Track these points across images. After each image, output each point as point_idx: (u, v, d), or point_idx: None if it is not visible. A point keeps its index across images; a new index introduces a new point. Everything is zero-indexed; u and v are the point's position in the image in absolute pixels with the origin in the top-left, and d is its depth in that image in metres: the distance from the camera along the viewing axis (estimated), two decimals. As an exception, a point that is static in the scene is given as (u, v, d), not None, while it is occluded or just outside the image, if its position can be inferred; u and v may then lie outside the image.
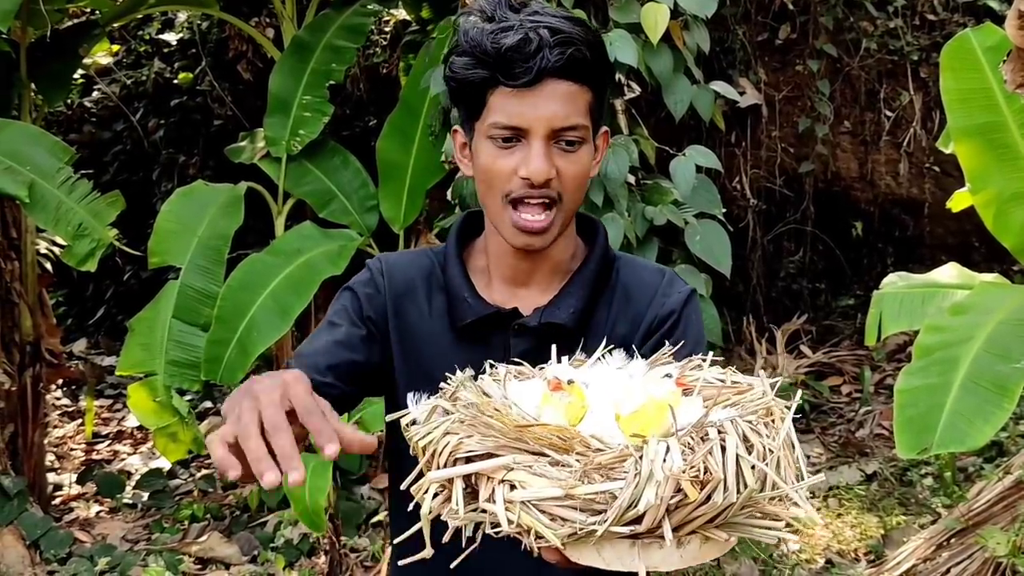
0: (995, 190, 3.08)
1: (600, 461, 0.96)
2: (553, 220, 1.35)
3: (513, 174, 1.33)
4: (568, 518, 0.95)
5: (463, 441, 1.01)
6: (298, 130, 4.43)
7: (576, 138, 1.32)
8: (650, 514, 0.94)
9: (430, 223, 4.31)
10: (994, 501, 3.35)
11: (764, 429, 1.01)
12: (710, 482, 0.94)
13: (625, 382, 1.13)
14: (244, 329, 3.91)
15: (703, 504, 0.95)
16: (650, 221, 3.47)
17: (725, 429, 0.98)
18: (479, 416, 1.04)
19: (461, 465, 1.00)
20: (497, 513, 0.97)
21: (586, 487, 0.95)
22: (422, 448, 1.05)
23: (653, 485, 0.93)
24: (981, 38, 3.01)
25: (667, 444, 0.96)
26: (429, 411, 1.10)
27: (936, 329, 2.75)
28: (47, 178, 3.94)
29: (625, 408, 1.06)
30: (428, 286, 1.47)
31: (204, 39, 6.75)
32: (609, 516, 0.94)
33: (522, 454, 0.99)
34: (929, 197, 5.74)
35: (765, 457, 0.98)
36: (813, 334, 5.98)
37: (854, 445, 4.97)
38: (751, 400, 1.08)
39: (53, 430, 6.14)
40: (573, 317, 1.40)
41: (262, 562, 4.33)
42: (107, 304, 8.11)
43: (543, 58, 1.27)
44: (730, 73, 5.38)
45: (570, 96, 1.31)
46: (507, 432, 1.00)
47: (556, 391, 1.10)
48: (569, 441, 0.99)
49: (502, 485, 0.98)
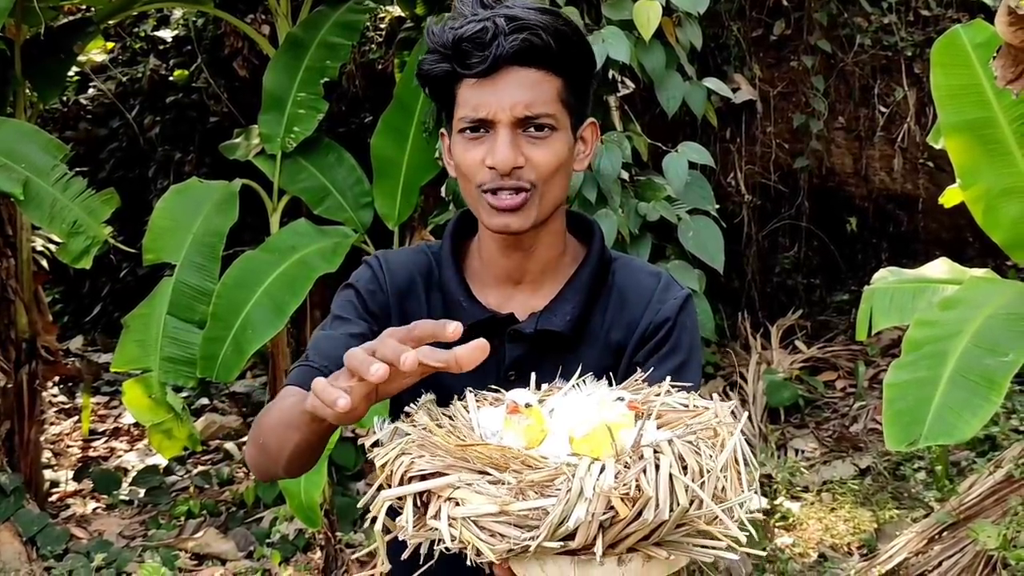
0: (985, 185, 3.09)
1: (534, 479, 0.99)
2: (527, 202, 1.33)
3: (482, 165, 1.33)
4: (505, 534, 0.98)
5: (415, 461, 1.04)
6: (293, 127, 4.43)
7: (544, 124, 1.32)
8: (582, 530, 0.97)
9: (425, 220, 4.32)
10: (986, 495, 3.38)
11: (707, 449, 1.03)
12: (640, 499, 0.96)
13: (581, 406, 1.15)
14: (239, 326, 3.91)
15: (634, 521, 0.97)
16: (643, 217, 3.48)
17: (661, 449, 1.00)
18: (429, 437, 1.07)
19: (412, 484, 1.03)
20: (441, 529, 0.99)
21: (520, 504, 0.98)
22: (380, 467, 1.08)
23: (584, 502, 0.96)
24: (971, 34, 3.02)
25: (602, 464, 0.99)
26: (391, 433, 1.13)
27: (926, 324, 2.77)
28: (42, 176, 3.94)
29: (579, 431, 1.08)
30: (427, 284, 1.47)
31: (199, 36, 6.75)
32: (541, 532, 0.97)
33: (467, 472, 1.02)
34: (923, 193, 5.75)
35: (702, 476, 1.00)
36: (808, 329, 5.99)
37: (848, 440, 4.99)
38: (699, 422, 1.10)
39: (49, 427, 6.15)
40: (569, 324, 1.40)
41: (258, 558, 4.35)
42: (103, 301, 8.11)
43: (498, 45, 1.27)
44: (725, 69, 5.39)
45: (533, 83, 1.30)
46: (452, 452, 1.04)
47: (514, 414, 1.13)
48: (509, 460, 1.02)
49: (448, 503, 1.01)
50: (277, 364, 4.79)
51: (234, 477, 5.29)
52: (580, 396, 1.20)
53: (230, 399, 6.43)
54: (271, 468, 1.36)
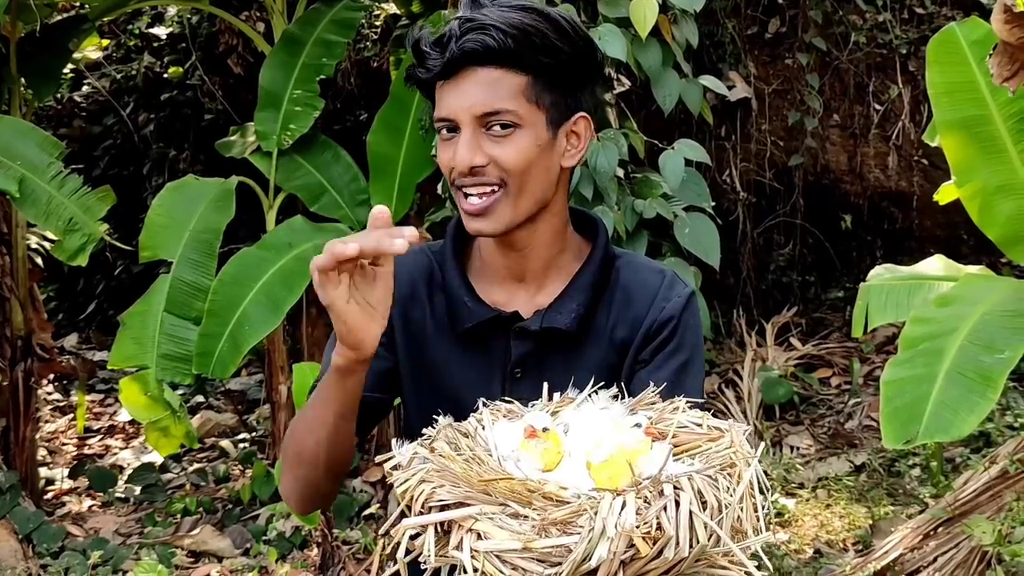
0: (980, 183, 3.10)
1: (557, 516, 1.01)
2: (493, 203, 1.33)
3: (451, 164, 1.34)
4: (528, 568, 1.00)
5: (436, 491, 1.06)
6: (289, 124, 4.43)
7: (506, 122, 1.31)
8: (604, 568, 0.98)
9: (421, 217, 4.32)
10: (980, 491, 3.39)
11: (724, 482, 1.05)
12: (661, 538, 0.98)
13: (598, 430, 1.17)
14: (236, 323, 3.92)
15: (655, 559, 0.99)
16: (640, 214, 3.49)
17: (681, 485, 1.02)
18: (449, 467, 1.09)
19: (433, 513, 1.05)
20: (463, 560, 1.01)
21: (543, 541, 1.00)
22: (400, 493, 1.10)
23: (606, 540, 0.98)
24: (967, 32, 3.03)
25: (623, 500, 1.01)
26: (410, 457, 1.14)
27: (922, 321, 2.78)
28: (38, 173, 3.94)
29: (596, 457, 1.10)
30: (429, 286, 1.47)
31: (194, 33, 6.73)
32: (564, 569, 0.99)
33: (489, 504, 1.04)
34: (918, 190, 5.77)
35: (720, 512, 1.02)
36: (803, 326, 6.00)
37: (843, 436, 5.00)
38: (716, 450, 1.12)
39: (44, 425, 6.14)
40: (574, 322, 1.40)
41: (254, 555, 4.34)
42: (97, 299, 8.10)
43: (451, 49, 1.29)
44: (720, 67, 5.39)
45: (492, 82, 1.31)
46: (473, 484, 1.06)
47: (531, 439, 1.14)
48: (531, 494, 1.04)
49: (470, 534, 1.02)
50: (273, 361, 4.79)
51: (230, 474, 5.29)
52: (594, 410, 1.21)
53: (225, 396, 6.42)
54: (312, 478, 1.37)
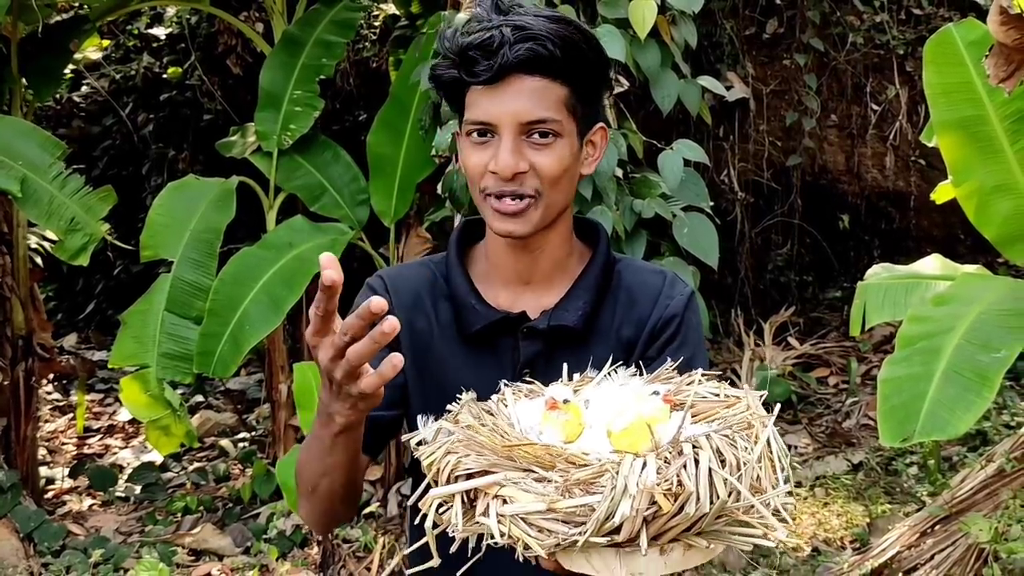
0: (977, 182, 3.12)
1: (580, 477, 1.03)
2: (529, 207, 1.35)
3: (486, 169, 1.35)
4: (552, 529, 1.02)
5: (461, 460, 1.08)
6: (289, 124, 4.45)
7: (548, 130, 1.33)
8: (627, 525, 1.00)
9: (421, 217, 4.33)
10: (977, 489, 3.41)
11: (742, 442, 1.07)
12: (682, 494, 1.00)
13: (618, 402, 1.19)
14: (236, 322, 3.93)
15: (676, 515, 1.01)
16: (638, 214, 3.50)
17: (700, 444, 1.04)
18: (475, 437, 1.11)
19: (460, 482, 1.07)
20: (490, 526, 1.03)
21: (567, 501, 1.02)
22: (427, 466, 1.12)
23: (628, 498, 1.00)
24: (963, 33, 3.05)
25: (643, 460, 1.03)
26: (435, 432, 1.17)
27: (919, 320, 2.79)
28: (39, 173, 3.96)
29: (616, 425, 1.11)
30: (432, 296, 1.48)
31: (193, 34, 6.75)
32: (588, 528, 1.01)
33: (513, 471, 1.06)
34: (915, 190, 5.79)
35: (739, 469, 1.04)
36: (801, 326, 6.03)
37: (841, 435, 5.02)
38: (733, 414, 1.14)
39: (44, 424, 6.15)
40: (581, 319, 1.42)
41: (255, 553, 4.36)
42: (97, 299, 8.11)
43: (503, 55, 1.29)
44: (718, 67, 5.41)
45: (538, 91, 1.32)
46: (498, 451, 1.08)
47: (553, 410, 1.16)
48: (554, 458, 1.06)
49: (495, 500, 1.05)
50: (273, 361, 4.81)
51: (230, 473, 5.31)
52: (614, 387, 1.24)
53: (225, 396, 6.44)
54: (329, 510, 1.41)
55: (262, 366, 5.79)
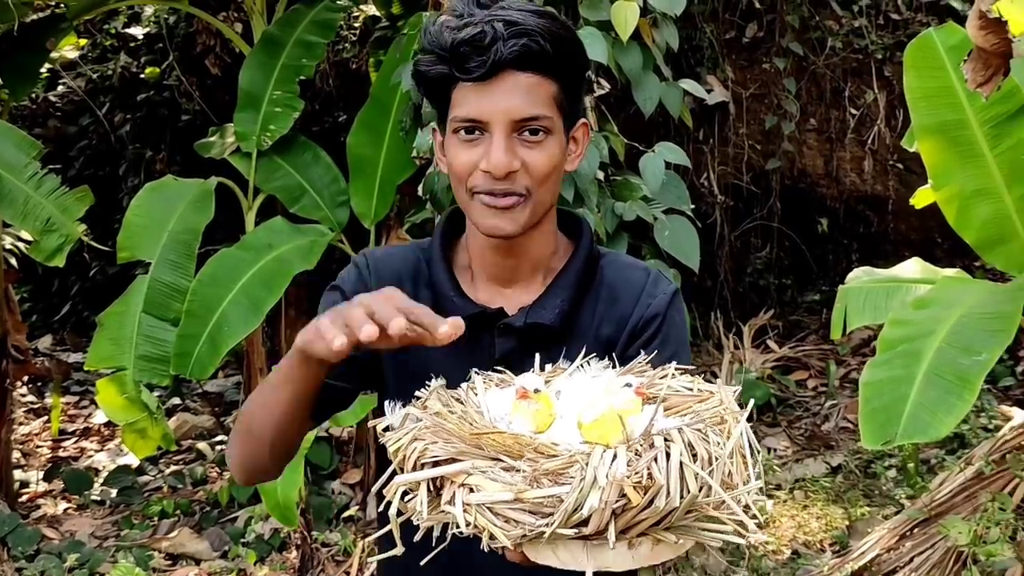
0: (957, 187, 3.13)
1: (548, 467, 1.02)
2: (517, 206, 1.34)
3: (476, 168, 1.33)
4: (519, 520, 1.01)
5: (428, 447, 1.07)
6: (268, 125, 4.41)
7: (539, 128, 1.32)
8: (595, 517, 0.99)
9: (401, 218, 4.31)
10: (956, 492, 3.43)
11: (715, 437, 1.06)
12: (652, 487, 0.99)
13: (589, 391, 1.18)
14: (214, 324, 3.89)
15: (646, 508, 1.00)
16: (620, 216, 3.50)
17: (671, 437, 1.03)
18: (443, 424, 1.09)
19: (426, 470, 1.06)
20: (456, 515, 1.02)
21: (535, 491, 1.01)
22: (393, 452, 1.10)
23: (597, 490, 0.99)
24: (944, 37, 3.06)
25: (614, 452, 1.02)
26: (403, 418, 1.15)
27: (900, 323, 2.80)
28: (15, 173, 3.91)
29: (587, 416, 1.10)
30: (415, 282, 1.47)
31: (171, 33, 6.70)
32: (556, 519, 1.00)
33: (480, 459, 1.04)
34: (893, 194, 5.83)
35: (710, 464, 1.02)
36: (780, 329, 6.05)
37: (820, 438, 5.04)
38: (706, 409, 1.13)
39: (18, 427, 6.08)
40: (559, 317, 1.40)
41: (232, 557, 4.32)
42: (72, 300, 8.03)
43: (497, 51, 1.28)
44: (698, 70, 5.42)
45: (530, 87, 1.31)
46: (466, 439, 1.06)
47: (523, 400, 1.15)
48: (523, 448, 1.04)
49: (462, 489, 1.03)
50: (251, 363, 4.77)
51: (207, 477, 5.26)
52: (586, 379, 1.23)
53: (202, 398, 6.38)
54: (256, 455, 1.38)
55: (240, 368, 5.75)
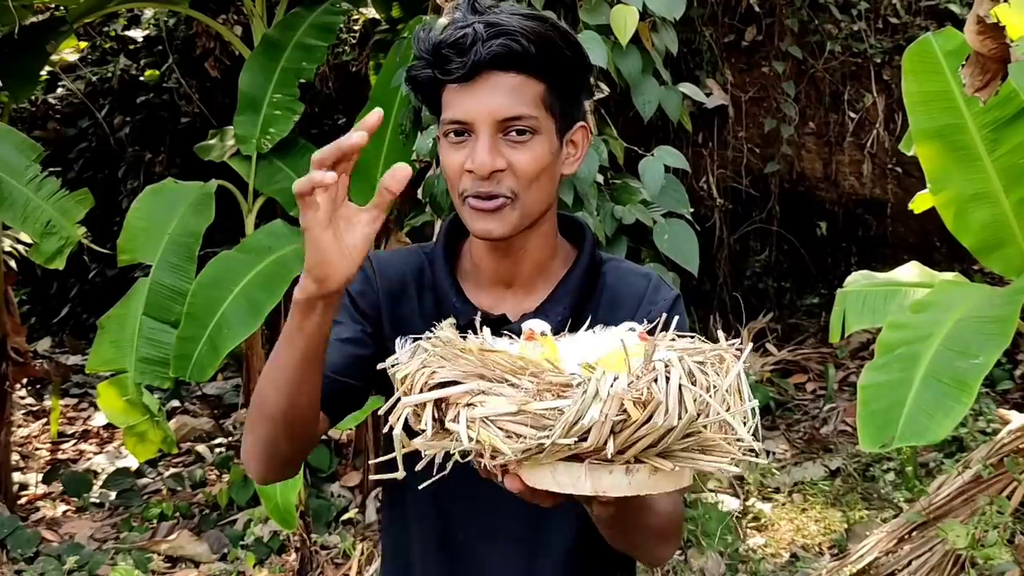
0: (955, 191, 3.15)
1: (552, 381, 1.04)
2: (505, 207, 1.33)
3: (463, 169, 1.33)
4: (521, 433, 1.03)
5: (436, 371, 1.08)
6: (268, 128, 4.42)
7: (525, 127, 1.31)
8: (595, 430, 1.00)
9: (400, 221, 4.32)
10: (954, 495, 3.43)
11: (713, 371, 1.08)
12: (651, 403, 1.00)
13: (593, 340, 1.21)
14: (215, 326, 3.90)
15: (645, 424, 1.01)
16: (619, 220, 3.50)
17: (672, 363, 1.04)
18: (451, 349, 1.11)
19: (433, 391, 1.07)
20: (459, 432, 1.04)
21: (537, 403, 1.03)
22: (400, 380, 1.11)
23: (598, 403, 1.00)
24: (942, 42, 3.07)
25: (616, 374, 1.03)
26: (412, 351, 1.16)
27: (898, 326, 2.81)
28: (15, 175, 3.92)
29: (592, 358, 1.12)
30: (419, 284, 1.47)
31: (171, 36, 6.71)
32: (556, 431, 1.01)
33: (486, 381, 1.06)
34: (892, 197, 5.84)
35: (709, 390, 1.04)
36: (778, 332, 6.06)
37: (818, 441, 5.05)
38: (707, 348, 1.15)
39: (17, 429, 6.08)
40: (560, 324, 1.39)
41: (232, 560, 4.33)
42: (71, 302, 8.03)
43: (476, 52, 1.28)
44: (697, 74, 5.44)
45: (513, 87, 1.30)
46: (474, 358, 1.08)
47: (530, 341, 1.17)
48: (528, 367, 1.07)
49: (466, 408, 1.05)
50: (251, 365, 4.77)
51: (207, 479, 5.26)
52: (592, 336, 1.25)
53: (201, 401, 6.39)
54: (274, 436, 1.31)
55: (239, 371, 5.76)
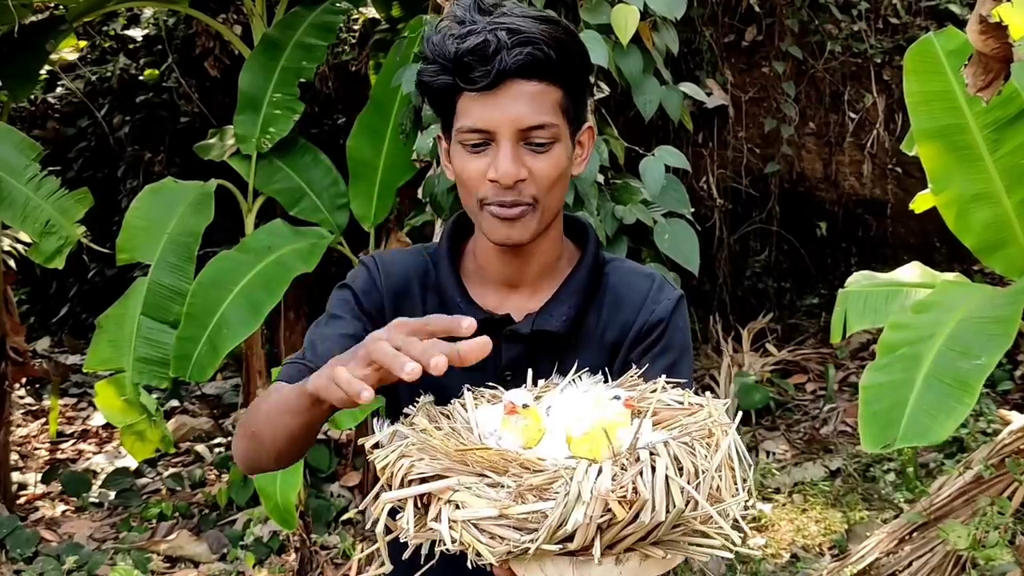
0: (956, 191, 3.14)
1: (533, 482, 1.01)
2: (526, 214, 1.34)
3: (484, 178, 1.32)
4: (504, 536, 1.00)
5: (415, 464, 1.06)
6: (268, 128, 4.41)
7: (546, 137, 1.32)
8: (580, 532, 0.99)
9: (401, 221, 4.32)
10: (955, 496, 3.43)
11: (701, 450, 1.05)
12: (637, 502, 0.98)
13: (578, 405, 1.17)
14: (214, 326, 3.89)
15: (631, 523, 0.99)
16: (620, 220, 3.50)
17: (657, 451, 1.02)
18: (429, 440, 1.09)
19: (413, 487, 1.06)
20: (442, 532, 1.02)
21: (519, 507, 1.00)
22: (381, 469, 1.10)
23: (581, 505, 0.98)
24: (944, 42, 3.06)
25: (599, 466, 1.01)
26: (390, 435, 1.14)
27: (899, 327, 2.80)
28: (14, 175, 3.91)
29: (576, 431, 1.10)
30: (423, 286, 1.47)
31: (170, 35, 6.70)
32: (540, 535, 0.99)
33: (466, 475, 1.04)
34: (892, 198, 5.83)
35: (697, 477, 1.02)
36: (778, 332, 6.05)
37: (819, 442, 5.04)
38: (694, 421, 1.12)
39: (16, 429, 6.07)
40: (565, 324, 1.40)
41: (231, 560, 4.32)
42: (70, 302, 8.02)
43: (501, 60, 1.27)
44: (697, 74, 5.43)
45: (535, 95, 1.30)
46: (451, 455, 1.06)
47: (512, 415, 1.14)
48: (508, 463, 1.04)
49: (448, 505, 1.03)
50: (251, 365, 4.76)
51: (206, 479, 5.25)
52: (577, 393, 1.22)
53: (200, 401, 6.38)
54: (261, 458, 1.37)
55: (239, 370, 5.74)
